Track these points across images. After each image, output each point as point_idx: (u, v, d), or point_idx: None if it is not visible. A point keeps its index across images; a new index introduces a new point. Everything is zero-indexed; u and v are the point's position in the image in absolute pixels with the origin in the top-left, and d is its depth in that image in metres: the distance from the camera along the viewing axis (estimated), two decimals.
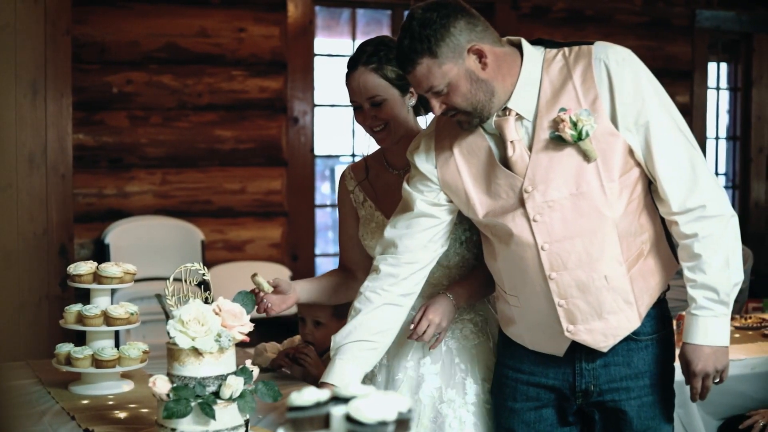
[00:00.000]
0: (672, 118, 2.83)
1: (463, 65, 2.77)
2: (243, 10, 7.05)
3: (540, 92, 2.85)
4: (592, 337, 2.93)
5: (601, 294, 2.88)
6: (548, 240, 2.86)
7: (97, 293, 3.65)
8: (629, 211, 2.86)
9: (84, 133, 6.66)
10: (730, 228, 2.85)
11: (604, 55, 2.81)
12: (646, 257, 2.92)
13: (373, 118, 3.26)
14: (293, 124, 7.20)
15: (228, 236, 7.09)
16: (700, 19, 8.56)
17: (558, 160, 2.82)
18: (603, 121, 2.79)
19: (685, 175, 2.82)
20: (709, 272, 2.83)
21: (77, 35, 6.52)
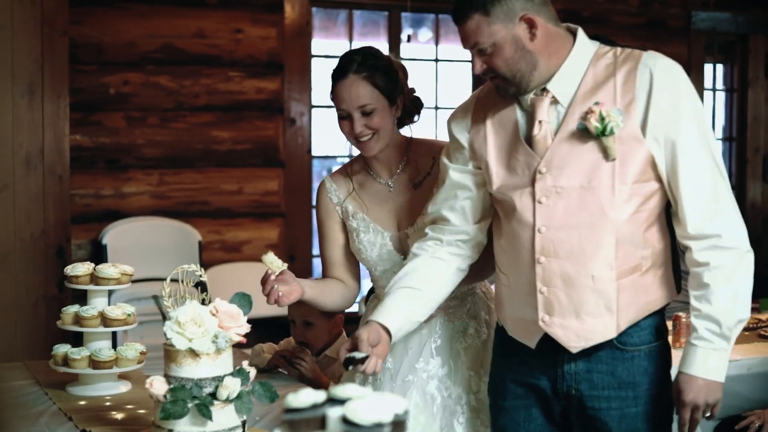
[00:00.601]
0: (705, 142, 2.79)
1: (512, 30, 2.79)
2: (240, 11, 7.05)
3: (581, 82, 2.86)
4: (564, 334, 2.90)
5: (585, 293, 2.86)
6: (546, 224, 2.87)
7: (94, 294, 3.66)
8: (635, 220, 2.83)
9: (81, 134, 6.65)
10: (744, 263, 2.80)
11: (652, 62, 2.80)
12: (643, 273, 2.87)
13: (363, 127, 3.25)
14: (290, 125, 7.21)
15: (225, 237, 7.09)
16: (696, 20, 8.57)
17: (578, 151, 2.83)
18: (632, 125, 2.78)
19: (706, 201, 2.79)
20: (715, 304, 2.78)
21: (74, 36, 6.52)
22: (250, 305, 2.87)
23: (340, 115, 3.29)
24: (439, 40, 7.99)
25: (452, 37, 8.14)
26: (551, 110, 2.88)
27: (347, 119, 3.27)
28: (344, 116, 3.28)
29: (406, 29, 7.86)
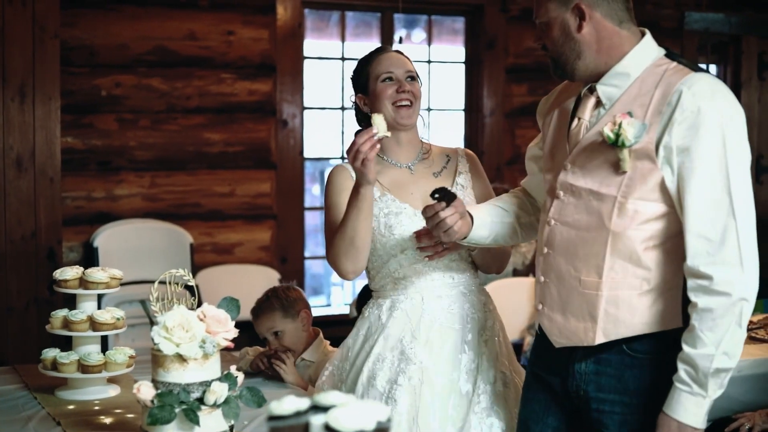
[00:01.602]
0: (724, 178, 2.69)
1: (563, 14, 2.87)
2: (232, 12, 7.04)
3: (628, 89, 2.86)
4: (550, 327, 2.98)
5: (572, 293, 2.91)
6: (556, 218, 2.95)
7: (84, 298, 3.65)
8: (633, 237, 2.80)
9: (72, 136, 6.64)
10: (734, 312, 2.67)
11: (689, 84, 2.73)
12: (641, 294, 2.83)
13: (408, 92, 3.36)
14: (282, 126, 7.20)
15: (217, 239, 7.08)
16: (689, 21, 8.56)
17: (598, 155, 2.84)
18: (648, 143, 2.74)
19: (709, 239, 2.69)
20: (695, 347, 2.71)
21: (66, 38, 6.51)
22: (238, 310, 2.86)
23: (384, 78, 3.38)
24: (432, 41, 7.99)
25: (445, 38, 8.15)
26: (593, 109, 2.92)
27: (392, 83, 3.38)
28: (389, 79, 3.39)
29: (399, 30, 7.86)
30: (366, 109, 3.42)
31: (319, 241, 8.53)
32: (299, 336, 4.13)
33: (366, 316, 3.41)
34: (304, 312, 4.13)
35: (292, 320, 4.11)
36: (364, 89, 3.43)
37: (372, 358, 3.30)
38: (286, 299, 4.16)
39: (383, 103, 3.35)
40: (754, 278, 2.71)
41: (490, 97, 7.79)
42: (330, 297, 8.55)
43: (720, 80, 2.83)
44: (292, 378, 3.95)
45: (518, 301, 6.03)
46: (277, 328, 4.09)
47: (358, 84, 3.46)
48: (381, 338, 3.31)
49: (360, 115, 3.51)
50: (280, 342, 4.09)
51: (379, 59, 3.42)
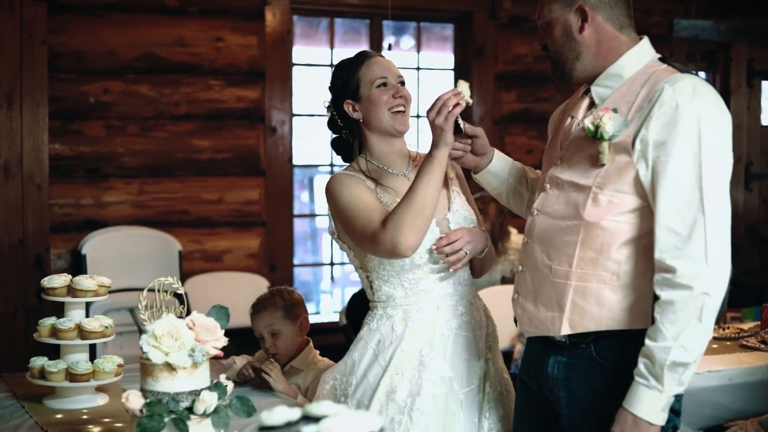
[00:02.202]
0: (698, 173, 2.72)
1: (566, 15, 2.96)
2: (220, 19, 7.03)
3: (618, 89, 2.93)
4: (521, 315, 3.07)
5: (543, 281, 2.97)
6: (539, 208, 3.03)
7: (72, 306, 3.64)
8: (605, 228, 2.85)
9: (60, 143, 6.62)
10: (695, 306, 2.69)
11: (672, 81, 2.79)
12: (609, 288, 2.86)
13: (402, 97, 3.35)
14: (271, 133, 7.18)
15: (205, 246, 7.05)
16: (678, 28, 8.58)
17: (583, 150, 2.92)
18: (626, 136, 2.80)
19: (677, 232, 2.72)
20: (656, 339, 2.73)
21: (54, 44, 6.48)
22: (228, 318, 2.84)
23: (379, 83, 3.34)
24: (421, 48, 7.99)
25: (434, 45, 8.14)
26: (586, 110, 3.00)
27: (388, 88, 3.35)
28: (383, 84, 3.35)
29: (388, 37, 7.85)
30: (356, 116, 3.36)
31: (308, 248, 8.52)
32: (294, 340, 4.13)
33: (374, 327, 3.33)
34: (303, 317, 4.16)
35: (292, 323, 4.12)
36: (354, 95, 3.36)
37: (390, 372, 3.24)
38: (290, 300, 4.18)
39: (380, 109, 3.31)
40: (720, 274, 2.72)
41: (479, 104, 7.78)
42: (319, 305, 8.53)
43: (708, 83, 2.87)
44: (282, 386, 3.93)
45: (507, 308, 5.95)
46: (276, 327, 4.10)
47: (347, 90, 3.38)
48: (398, 351, 3.25)
49: (342, 123, 3.43)
50: (274, 342, 4.10)
51: (369, 64, 3.37)
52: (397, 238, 3.07)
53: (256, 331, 4.16)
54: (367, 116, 3.34)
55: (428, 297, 3.29)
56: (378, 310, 3.35)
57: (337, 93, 3.42)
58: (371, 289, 3.37)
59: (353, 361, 3.33)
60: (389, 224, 3.09)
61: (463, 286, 3.38)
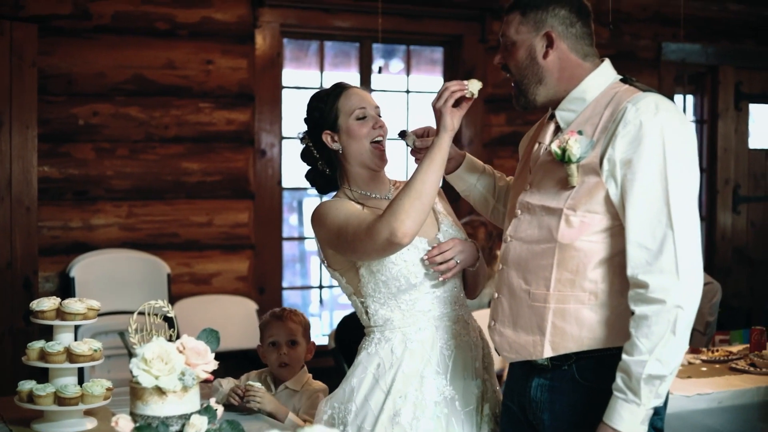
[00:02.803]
0: (664, 189, 2.76)
1: (532, 38, 3.00)
2: (210, 42, 7.03)
3: (583, 111, 2.96)
4: (500, 341, 3.06)
5: (521, 306, 2.98)
6: (512, 234, 3.05)
7: (61, 329, 3.62)
8: (579, 249, 2.88)
9: (49, 165, 6.60)
10: (669, 319, 2.72)
11: (635, 100, 2.84)
12: (587, 308, 2.88)
13: (381, 128, 3.36)
14: (261, 156, 7.18)
15: (194, 269, 7.04)
16: (666, 51, 8.62)
17: (552, 173, 2.95)
18: (594, 157, 2.83)
19: (648, 248, 2.76)
20: (632, 354, 2.75)
21: (43, 67, 6.48)
22: (218, 341, 2.83)
23: (358, 115, 3.35)
24: (410, 71, 8.01)
25: (423, 68, 8.16)
26: (553, 135, 3.03)
27: (367, 120, 3.36)
28: (364, 117, 3.36)
29: (378, 60, 7.87)
30: (336, 146, 3.37)
31: (297, 271, 8.51)
32: (301, 359, 4.20)
33: (373, 352, 3.30)
34: (312, 342, 4.29)
35: (306, 342, 4.20)
36: (332, 126, 3.37)
37: (393, 396, 3.22)
38: (307, 323, 4.32)
39: (360, 142, 3.33)
40: (692, 287, 2.75)
41: (468, 127, 7.80)
42: None
43: (669, 100, 2.90)
44: (272, 406, 3.92)
45: None
46: (297, 338, 4.17)
47: (325, 121, 3.39)
48: (400, 374, 3.23)
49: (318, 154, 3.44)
50: (288, 353, 4.15)
51: (347, 95, 3.39)
52: (394, 224, 3.01)
53: (274, 336, 4.20)
54: (347, 148, 3.36)
55: (426, 318, 3.29)
56: (375, 335, 3.33)
57: (315, 124, 3.43)
58: (366, 315, 3.35)
59: (352, 388, 3.30)
60: (386, 211, 3.06)
61: (459, 306, 3.38)
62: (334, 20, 7.47)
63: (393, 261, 3.23)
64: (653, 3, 8.56)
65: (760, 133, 9.29)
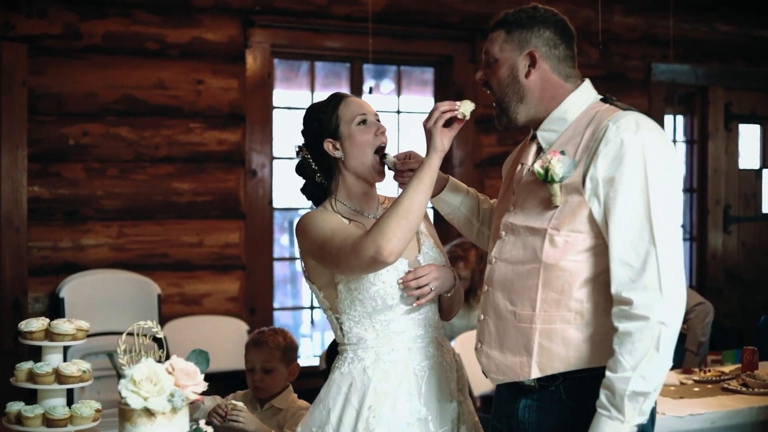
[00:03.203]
0: (646, 206, 2.77)
1: (515, 57, 3.02)
2: (201, 62, 7.03)
3: (564, 132, 2.98)
4: (487, 363, 3.04)
5: (508, 327, 2.97)
6: (497, 256, 3.05)
7: (49, 350, 3.59)
8: (564, 269, 2.88)
9: (39, 185, 6.58)
10: (652, 336, 2.72)
11: (615, 119, 2.86)
12: (574, 327, 2.88)
13: (383, 134, 3.37)
14: (251, 176, 7.17)
15: (185, 290, 7.01)
16: (655, 72, 8.64)
17: (535, 194, 2.96)
18: (576, 176, 2.85)
19: (631, 265, 2.77)
20: (615, 371, 2.75)
21: (33, 86, 6.47)
22: (207, 362, 2.82)
23: (359, 121, 3.36)
24: (401, 92, 8.01)
25: (414, 89, 8.17)
26: (536, 155, 3.04)
27: (369, 126, 3.37)
28: (363, 122, 3.37)
29: (368, 80, 7.87)
30: (338, 154, 3.35)
31: (288, 292, 8.48)
32: (282, 382, 4.20)
33: (346, 371, 3.29)
34: (295, 363, 4.24)
35: (286, 365, 4.18)
36: (334, 134, 3.36)
37: (364, 416, 3.20)
38: (290, 343, 4.30)
39: (363, 149, 3.33)
40: (675, 304, 2.76)
41: (459, 148, 7.80)
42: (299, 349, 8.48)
43: (650, 118, 2.92)
44: (254, 426, 3.92)
45: None
46: (272, 365, 4.16)
47: (325, 129, 3.37)
48: (372, 393, 3.21)
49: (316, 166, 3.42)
50: (264, 378, 4.13)
51: (347, 102, 3.39)
52: (380, 242, 2.99)
53: (250, 363, 4.21)
54: (349, 154, 3.35)
55: (400, 338, 3.27)
56: (348, 353, 3.32)
57: (314, 134, 3.41)
58: (341, 332, 3.34)
59: (328, 409, 3.28)
60: (373, 229, 3.05)
61: (434, 328, 3.36)
62: (325, 40, 7.47)
63: (371, 281, 3.22)
64: (643, 24, 8.59)
65: (750, 153, 9.31)
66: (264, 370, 4.16)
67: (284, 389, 4.21)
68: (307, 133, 3.45)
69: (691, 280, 8.97)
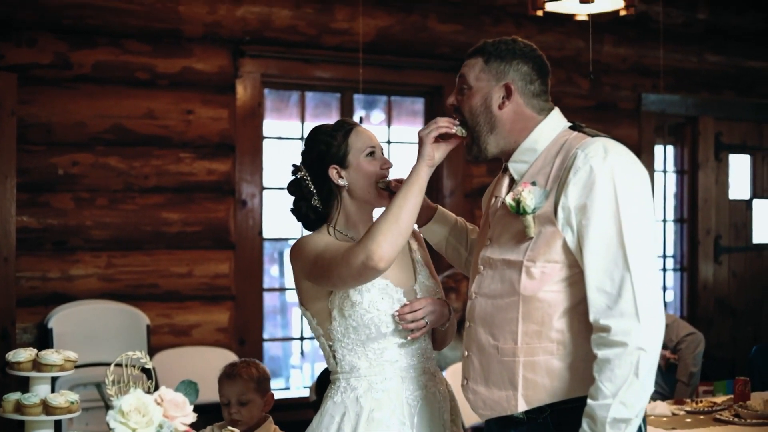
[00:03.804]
0: (618, 232, 2.77)
1: (490, 87, 3.02)
2: (191, 92, 7.02)
3: (534, 162, 2.98)
4: (474, 400, 3.03)
5: (492, 362, 2.96)
6: (476, 291, 3.04)
7: (37, 381, 3.56)
8: (543, 300, 2.87)
9: (28, 215, 6.56)
10: (631, 362, 2.72)
11: (584, 146, 2.86)
12: (556, 358, 2.87)
13: (387, 168, 3.36)
14: (241, 206, 7.15)
15: (174, 320, 6.98)
16: (646, 102, 8.66)
17: (510, 226, 2.95)
18: (548, 206, 2.85)
19: (607, 292, 2.77)
20: (596, 398, 2.75)
21: (23, 116, 6.45)
22: (197, 393, 2.79)
23: (368, 152, 3.34)
24: (391, 122, 8.01)
25: (404, 119, 8.18)
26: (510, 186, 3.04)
27: (376, 159, 3.35)
28: (371, 154, 3.35)
29: (359, 111, 7.88)
30: (342, 183, 3.32)
31: (278, 323, 8.46)
32: (258, 413, 4.18)
33: (339, 401, 3.26)
34: (270, 394, 4.23)
35: (261, 396, 4.17)
36: (341, 162, 3.32)
37: None
38: (263, 374, 4.24)
39: (368, 180, 3.30)
40: (653, 329, 2.75)
41: (449, 178, 7.80)
42: (289, 380, 8.46)
43: (619, 143, 2.92)
44: None
45: None
46: (247, 396, 4.14)
47: (333, 156, 3.32)
48: (363, 421, 3.19)
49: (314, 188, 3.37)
50: (240, 410, 4.12)
51: (358, 132, 3.35)
52: (371, 246, 2.99)
53: (225, 396, 4.19)
54: (354, 184, 3.32)
55: (392, 368, 3.25)
56: (341, 382, 3.29)
57: (319, 156, 3.35)
58: (334, 359, 3.32)
59: None
60: (364, 236, 3.06)
61: (426, 359, 3.34)
62: (315, 71, 7.48)
63: (366, 308, 3.20)
64: (633, 54, 8.62)
65: (740, 183, 9.33)
66: (240, 402, 4.14)
67: (265, 420, 4.19)
68: (309, 154, 3.39)
69: (682, 311, 8.97)
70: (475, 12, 7.97)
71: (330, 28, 7.46)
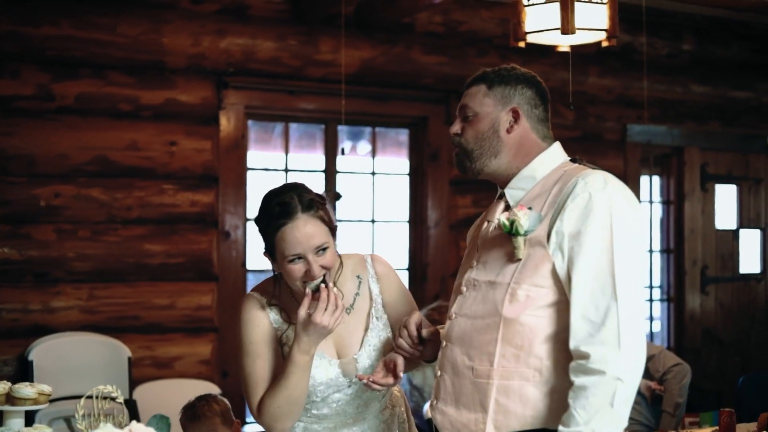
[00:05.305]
0: (609, 261, 2.76)
1: (497, 112, 3.02)
2: (174, 123, 6.99)
3: (531, 189, 2.98)
4: (442, 421, 2.99)
5: (465, 383, 2.93)
6: (457, 311, 3.01)
7: (11, 415, 3.53)
8: (524, 324, 2.84)
9: (9, 247, 6.51)
10: (607, 391, 2.70)
11: (582, 176, 2.87)
12: (533, 385, 2.84)
13: (320, 269, 3.11)
14: (225, 238, 7.12)
15: (156, 353, 6.92)
16: (631, 133, 8.66)
17: (498, 248, 2.94)
18: (541, 230, 2.84)
19: (591, 320, 2.74)
20: (568, 425, 2.72)
21: (4, 147, 6.43)
22: (168, 428, 2.76)
23: (291, 259, 3.11)
24: (376, 153, 7.99)
25: (389, 150, 8.16)
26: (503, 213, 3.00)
27: (300, 262, 3.12)
28: (295, 260, 3.12)
29: (343, 142, 7.86)
30: (274, 268, 3.25)
31: None
32: None
33: None
34: (236, 422, 4.21)
35: (228, 428, 4.14)
36: (271, 253, 3.20)
37: None
38: (225, 407, 4.27)
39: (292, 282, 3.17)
40: (633, 361, 2.73)
41: (434, 209, 7.78)
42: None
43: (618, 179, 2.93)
44: None
45: None
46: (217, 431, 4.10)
47: (265, 243, 3.22)
48: None
49: None
50: None
51: (284, 235, 3.11)
52: (274, 424, 3.16)
53: None
54: (283, 276, 3.22)
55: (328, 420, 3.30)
56: None
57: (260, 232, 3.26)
58: None
59: None
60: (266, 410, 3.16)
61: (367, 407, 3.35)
62: (299, 102, 7.47)
63: None
64: (618, 85, 8.63)
65: (726, 213, 9.33)
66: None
67: None
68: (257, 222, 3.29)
69: (669, 341, 8.94)
70: (460, 44, 7.98)
71: (314, 59, 7.45)
